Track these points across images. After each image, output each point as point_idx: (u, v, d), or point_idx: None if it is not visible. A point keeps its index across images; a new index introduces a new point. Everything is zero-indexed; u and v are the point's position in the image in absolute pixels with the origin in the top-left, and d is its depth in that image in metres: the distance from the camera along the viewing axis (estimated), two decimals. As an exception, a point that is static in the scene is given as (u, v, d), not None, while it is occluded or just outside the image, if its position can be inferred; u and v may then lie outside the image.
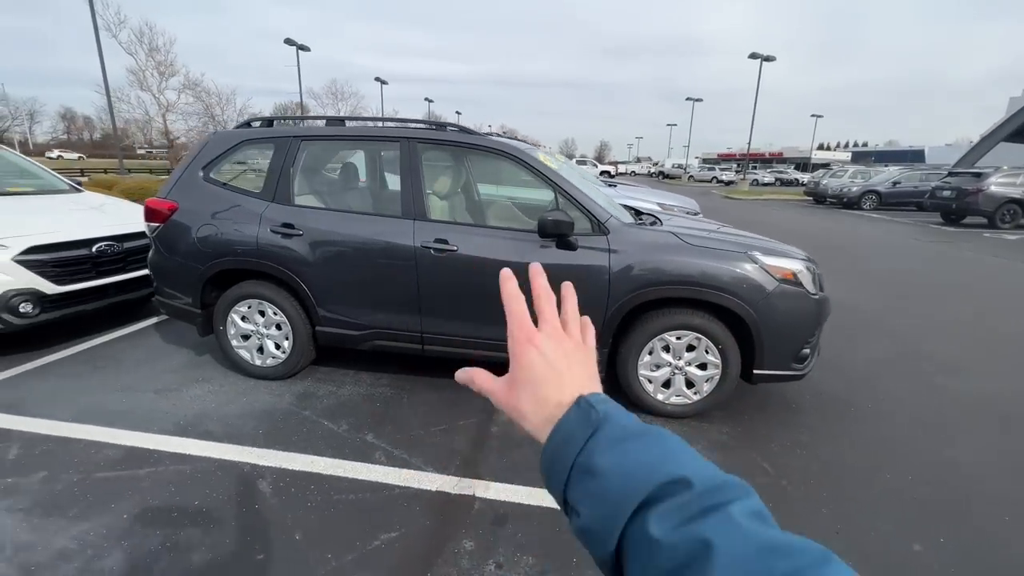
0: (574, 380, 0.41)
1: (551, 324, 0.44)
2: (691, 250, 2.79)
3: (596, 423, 0.36)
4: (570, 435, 0.37)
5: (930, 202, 15.24)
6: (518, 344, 0.42)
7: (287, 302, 3.15)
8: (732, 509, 0.30)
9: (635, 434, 0.36)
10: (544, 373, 0.41)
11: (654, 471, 0.33)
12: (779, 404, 3.23)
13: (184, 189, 3.22)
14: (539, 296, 0.45)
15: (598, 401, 0.38)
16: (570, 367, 0.42)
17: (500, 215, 4.25)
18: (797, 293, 2.76)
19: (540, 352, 0.42)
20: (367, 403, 3.10)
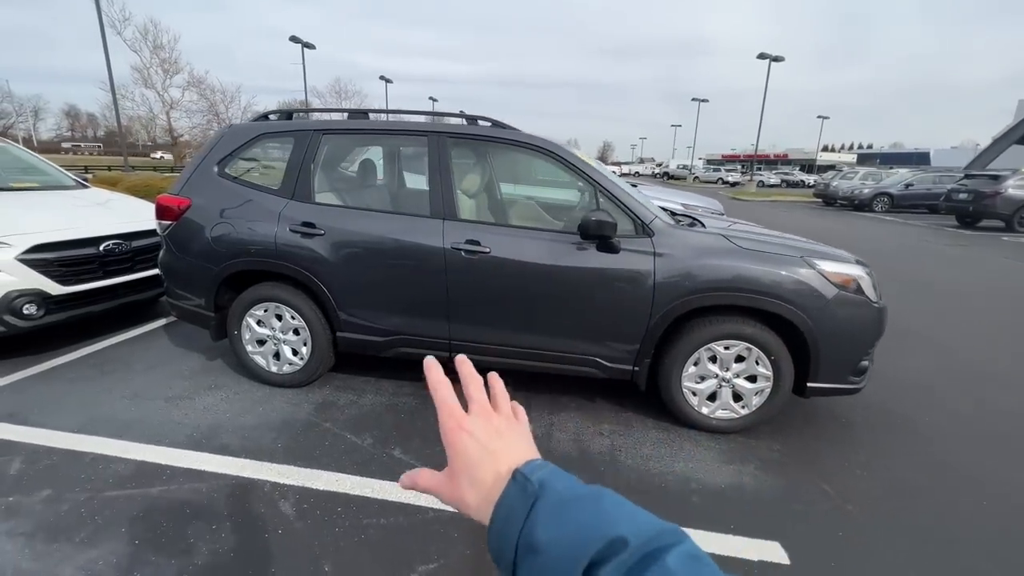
0: (509, 455, 0.40)
1: (480, 404, 0.44)
2: (743, 254, 2.59)
3: (534, 495, 0.36)
4: (510, 512, 0.36)
5: (946, 205, 15.00)
6: (450, 432, 0.42)
7: (306, 306, 2.96)
8: (668, 559, 0.31)
9: (570, 499, 0.35)
10: (478, 455, 0.40)
11: (591, 536, 0.33)
12: (826, 418, 3.04)
13: (198, 185, 3.04)
14: (466, 381, 0.45)
15: (533, 470, 0.38)
16: (504, 443, 0.42)
17: (525, 215, 4.05)
18: (858, 301, 2.56)
19: (471, 435, 0.41)
20: (391, 414, 2.91)
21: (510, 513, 0.36)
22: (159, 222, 3.08)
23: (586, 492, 0.36)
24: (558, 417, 2.93)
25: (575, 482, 0.37)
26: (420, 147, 2.98)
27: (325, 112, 3.27)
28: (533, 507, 0.35)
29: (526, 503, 0.36)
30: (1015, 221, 13.30)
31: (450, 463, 0.42)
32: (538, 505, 0.35)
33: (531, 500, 0.35)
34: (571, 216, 4.08)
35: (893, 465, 2.58)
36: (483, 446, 0.41)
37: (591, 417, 2.95)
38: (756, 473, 2.47)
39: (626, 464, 2.52)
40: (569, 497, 0.35)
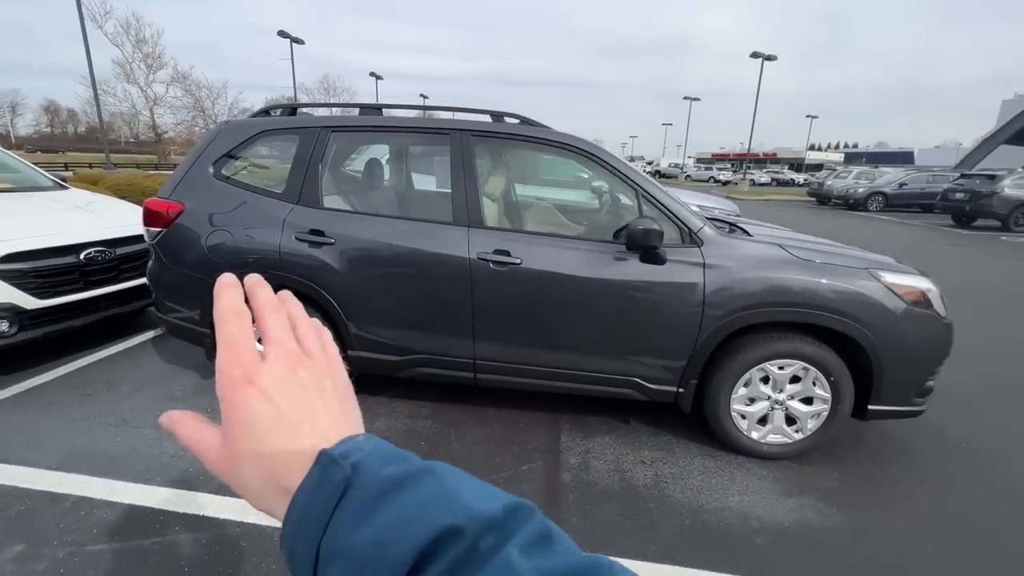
0: (318, 425, 0.29)
1: (280, 344, 0.31)
2: (801, 265, 2.36)
3: (343, 483, 0.25)
4: (309, 507, 0.26)
5: (942, 204, 15.05)
6: (230, 386, 0.29)
7: (314, 322, 2.67)
8: (510, 549, 0.24)
9: (390, 486, 0.25)
10: (269, 422, 0.28)
11: (416, 530, 0.24)
12: (877, 439, 2.82)
13: (191, 188, 2.73)
14: (261, 306, 0.32)
15: (349, 450, 0.27)
16: (311, 407, 0.30)
17: (551, 220, 3.79)
18: (927, 316, 2.35)
19: (263, 393, 0.28)
20: (410, 442, 2.64)
21: (309, 508, 0.26)
22: (147, 229, 2.76)
23: (411, 472, 0.26)
24: (593, 443, 2.68)
25: (405, 461, 0.27)
26: (441, 146, 2.70)
27: (331, 107, 2.97)
28: (340, 503, 0.25)
29: (331, 497, 0.25)
30: (1011, 220, 13.35)
31: (226, 425, 0.29)
32: (346, 502, 0.25)
33: (338, 493, 0.25)
34: (592, 220, 3.85)
35: (962, 494, 2.37)
36: (280, 411, 0.29)
37: (628, 442, 2.70)
38: (819, 507, 2.25)
39: (676, 499, 2.27)
40: (389, 483, 0.25)
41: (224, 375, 0.29)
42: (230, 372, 0.29)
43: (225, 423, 0.30)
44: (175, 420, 0.33)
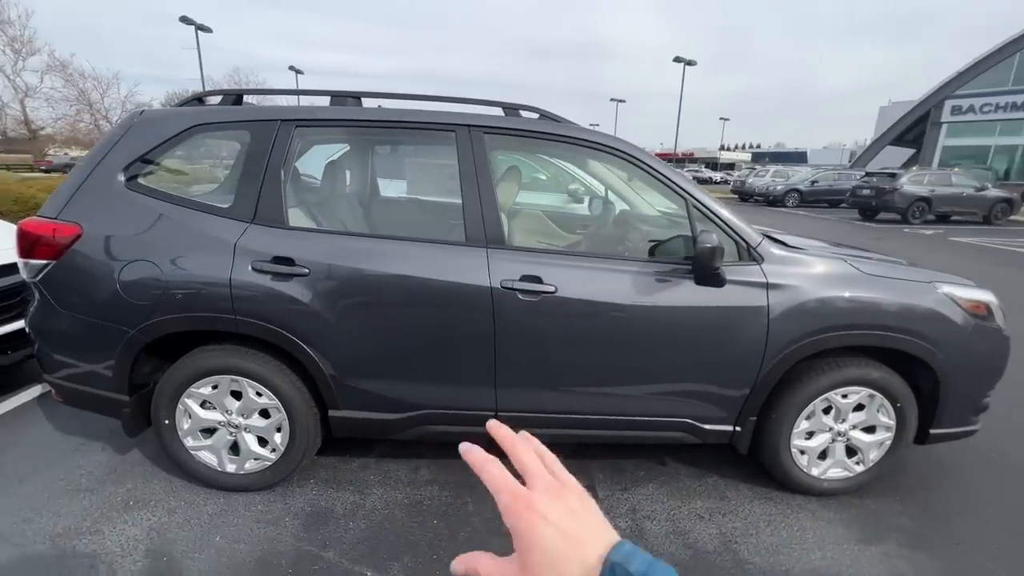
0: (592, 540, 0.34)
1: (540, 477, 0.37)
2: (871, 282, 2.10)
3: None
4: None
5: (851, 200, 16.45)
6: (519, 517, 0.34)
7: (281, 378, 2.03)
8: None
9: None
10: (560, 546, 0.33)
11: None
12: (924, 462, 2.61)
13: (91, 203, 1.96)
14: (512, 447, 0.39)
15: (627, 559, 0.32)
16: (583, 525, 0.35)
17: (532, 229, 3.33)
18: (991, 330, 2.18)
19: (546, 520, 0.34)
20: (418, 520, 2.08)
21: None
22: (25, 261, 1.96)
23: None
24: (636, 496, 2.27)
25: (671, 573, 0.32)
26: (444, 146, 2.15)
27: (290, 96, 2.30)
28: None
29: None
30: (909, 214, 14.83)
31: (521, 555, 0.34)
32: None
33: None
34: (592, 231, 3.45)
35: (1017, 510, 2.24)
36: (563, 533, 0.33)
37: (675, 491, 2.32)
38: (904, 554, 1.99)
39: (756, 564, 1.92)
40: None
41: (510, 511, 0.34)
42: (514, 507, 0.34)
43: (523, 552, 0.34)
44: (470, 560, 0.37)
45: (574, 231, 3.52)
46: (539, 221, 3.51)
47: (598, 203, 3.78)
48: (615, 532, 0.35)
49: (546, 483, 0.36)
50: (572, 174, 4.59)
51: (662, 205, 3.16)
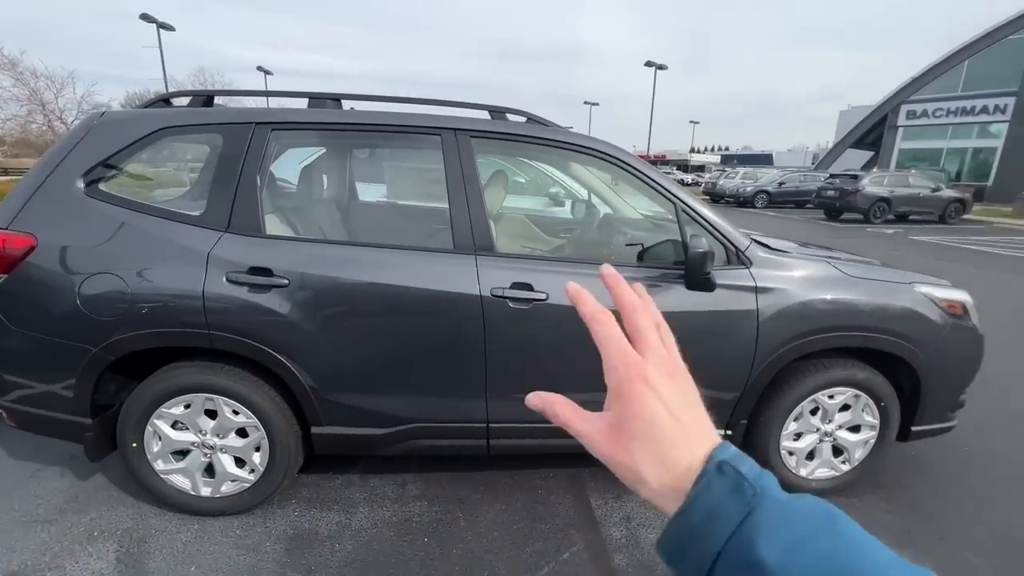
0: (700, 431, 0.32)
1: (656, 350, 0.34)
2: (856, 284, 2.13)
3: (751, 500, 0.28)
4: (715, 513, 0.29)
5: (817, 200, 17.03)
6: (629, 383, 0.32)
7: (260, 394, 1.92)
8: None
9: (797, 516, 0.28)
10: (669, 429, 0.32)
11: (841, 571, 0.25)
12: (905, 460, 2.67)
13: (46, 212, 1.82)
14: (633, 311, 0.35)
15: (739, 461, 0.30)
16: (692, 413, 0.33)
17: (516, 233, 3.28)
18: (967, 329, 2.24)
19: (659, 397, 0.32)
20: (407, 539, 2.00)
21: (715, 513, 0.28)
22: (-29, 276, 1.80)
23: (813, 509, 0.28)
24: (630, 505, 2.24)
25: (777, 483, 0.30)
26: (428, 150, 2.08)
27: (263, 97, 2.19)
28: (750, 516, 0.27)
29: (740, 507, 0.28)
30: (871, 214, 15.45)
31: (622, 420, 0.33)
32: (757, 517, 0.27)
33: (748, 506, 0.28)
34: (575, 235, 3.43)
35: (989, 505, 2.31)
36: (674, 415, 0.32)
37: (667, 496, 2.31)
38: (896, 551, 2.02)
39: None
40: (797, 512, 0.28)
41: (619, 372, 0.33)
42: (625, 371, 0.33)
43: (621, 414, 0.33)
44: (547, 400, 0.36)
45: (557, 235, 3.49)
46: (523, 225, 3.46)
47: (581, 207, 3.77)
48: (716, 431, 0.33)
49: (662, 357, 0.34)
50: (552, 177, 4.58)
51: (645, 208, 3.16)
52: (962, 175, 23.03)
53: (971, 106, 22.56)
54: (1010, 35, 21.23)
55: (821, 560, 0.26)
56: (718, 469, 0.30)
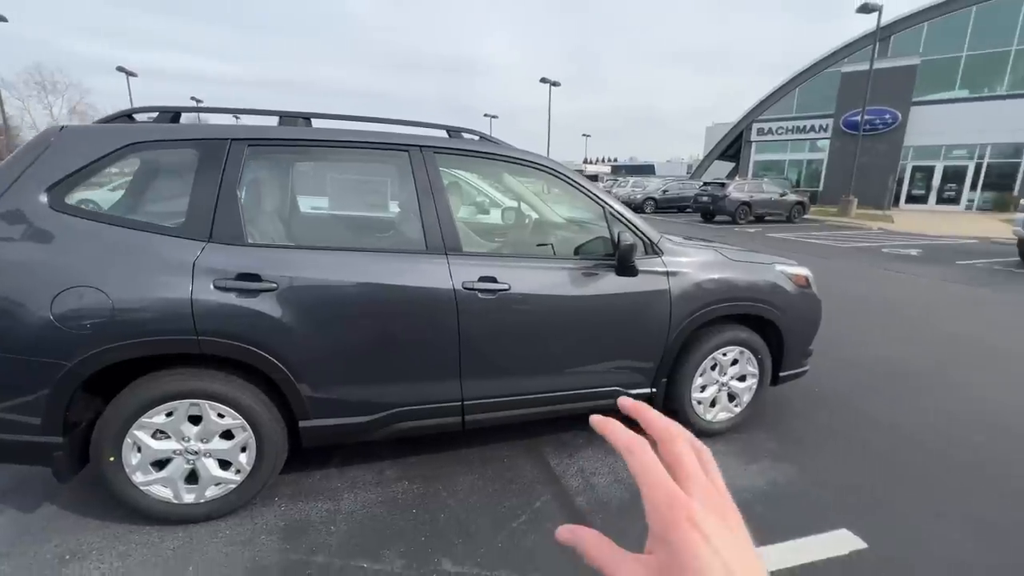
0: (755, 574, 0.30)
1: (703, 486, 0.32)
2: (736, 265, 2.78)
3: None
4: None
5: (694, 205, 19.43)
6: (676, 529, 0.29)
7: (247, 395, 2.03)
8: None
9: None
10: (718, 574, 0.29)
11: None
12: (777, 402, 3.45)
13: (8, 226, 1.77)
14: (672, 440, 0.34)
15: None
16: (745, 560, 0.29)
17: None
18: (810, 296, 3.02)
19: (710, 544, 0.29)
20: (397, 514, 2.22)
21: None
22: (-83, 297, 1.69)
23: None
24: (582, 460, 2.67)
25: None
26: (396, 164, 2.33)
27: (229, 114, 2.27)
28: None
29: None
30: (737, 216, 18.01)
31: (663, 566, 0.29)
32: None
33: None
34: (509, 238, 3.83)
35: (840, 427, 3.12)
36: (728, 567, 0.28)
37: (610, 452, 2.70)
38: (775, 466, 2.67)
39: (679, 492, 2.43)
40: None
41: (662, 514, 0.29)
42: (670, 513, 0.29)
43: (666, 565, 0.29)
44: (577, 535, 0.33)
45: (493, 239, 3.86)
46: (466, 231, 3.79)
47: (510, 213, 4.18)
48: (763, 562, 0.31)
49: (706, 491, 0.31)
50: (476, 188, 4.97)
51: (567, 213, 3.66)
52: (801, 182, 27.61)
53: (803, 125, 27.22)
54: (826, 69, 26.07)
55: None
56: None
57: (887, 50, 23.50)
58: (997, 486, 2.51)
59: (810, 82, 27.02)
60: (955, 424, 3.13)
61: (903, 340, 4.80)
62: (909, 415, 3.25)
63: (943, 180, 23.58)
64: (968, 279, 7.85)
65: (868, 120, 21.89)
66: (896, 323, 5.43)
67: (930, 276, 8.06)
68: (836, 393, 3.59)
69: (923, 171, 23.95)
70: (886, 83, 21.87)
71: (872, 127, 22.90)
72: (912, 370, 4.02)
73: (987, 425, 3.11)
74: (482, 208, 5.19)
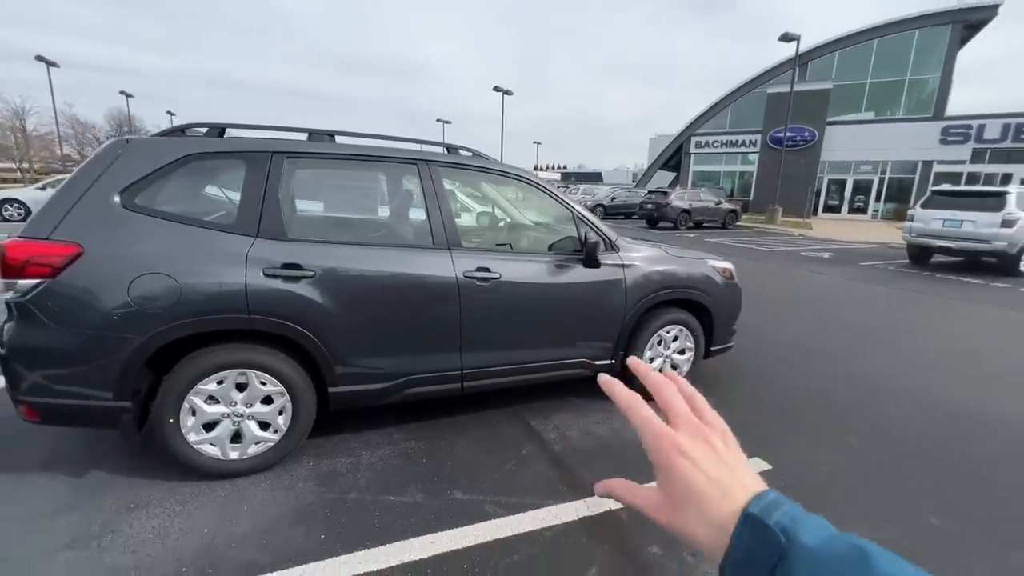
0: (738, 487, 0.36)
1: (686, 418, 0.40)
2: (676, 260, 3.46)
3: (777, 546, 0.31)
4: (748, 563, 0.33)
5: (640, 212, 20.76)
6: (665, 456, 0.38)
7: (286, 365, 2.43)
8: None
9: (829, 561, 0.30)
10: (708, 491, 0.36)
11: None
12: (708, 375, 4.20)
13: (87, 224, 2.10)
14: (658, 387, 0.42)
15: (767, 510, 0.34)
16: (729, 472, 0.37)
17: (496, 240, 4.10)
18: (733, 285, 3.76)
19: (692, 462, 0.37)
20: (410, 464, 2.68)
21: (749, 563, 0.32)
22: (11, 282, 1.99)
23: (845, 548, 0.30)
24: (556, 421, 3.23)
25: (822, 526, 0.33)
26: (407, 176, 2.81)
27: (268, 131, 2.64)
28: (780, 561, 0.31)
29: (769, 554, 0.31)
30: (678, 222, 19.46)
31: (665, 489, 0.38)
32: (787, 561, 0.31)
33: (775, 552, 0.31)
34: (486, 237, 4.36)
35: (769, 391, 3.88)
36: (711, 478, 0.36)
37: (578, 414, 3.35)
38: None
39: (633, 440, 3.00)
40: (825, 553, 0.30)
41: (656, 449, 0.38)
42: (658, 445, 0.38)
43: (664, 485, 0.38)
44: (608, 485, 0.42)
45: (471, 239, 4.38)
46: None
47: (485, 217, 4.72)
48: (759, 480, 0.36)
49: (691, 424, 0.38)
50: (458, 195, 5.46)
51: (535, 216, 4.25)
52: (734, 192, 29.98)
53: (735, 139, 29.62)
54: (755, 88, 28.56)
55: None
56: (745, 522, 0.33)
57: (805, 74, 26.13)
58: (861, 426, 3.32)
59: (741, 100, 29.47)
60: (842, 385, 3.98)
61: (814, 327, 5.76)
62: (813, 380, 4.08)
63: (853, 192, 26.50)
64: (867, 278, 9.20)
65: (790, 137, 24.35)
66: (808, 314, 6.44)
67: (838, 275, 9.37)
68: (758, 368, 4.38)
69: (837, 184, 26.79)
70: (805, 104, 24.36)
71: (794, 143, 25.40)
72: (818, 349, 4.92)
73: (868, 387, 3.97)
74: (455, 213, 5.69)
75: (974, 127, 22.70)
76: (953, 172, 23.04)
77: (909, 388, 3.94)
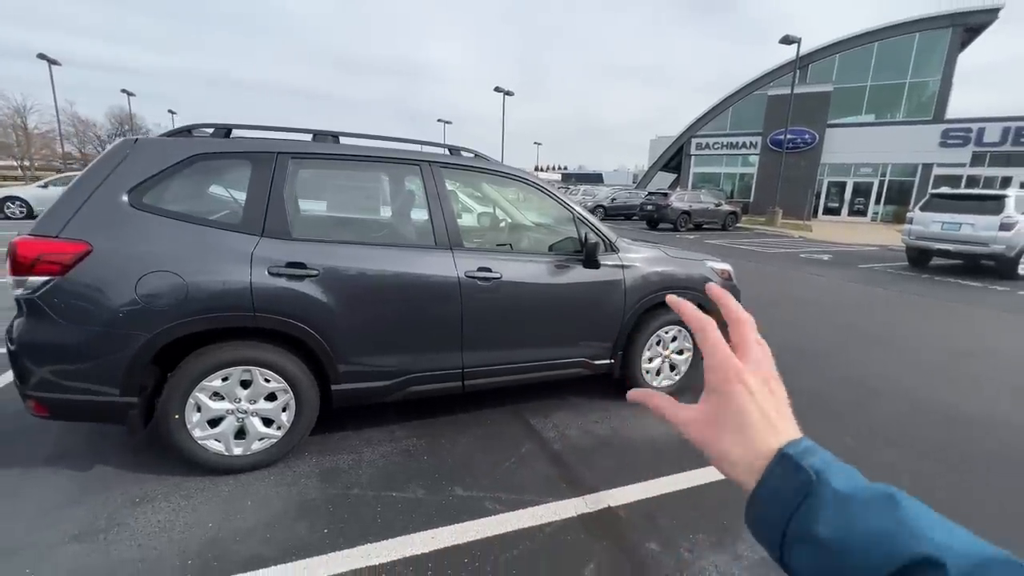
0: (782, 428, 0.39)
1: (755, 359, 0.42)
2: (674, 261, 3.50)
3: (807, 483, 0.34)
4: (776, 495, 0.35)
5: (640, 213, 20.79)
6: (727, 382, 0.40)
7: (290, 362, 2.47)
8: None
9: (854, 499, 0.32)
10: (757, 421, 0.38)
11: (890, 548, 0.30)
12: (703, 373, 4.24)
13: (95, 222, 2.14)
14: (739, 324, 0.44)
15: (803, 454, 0.36)
16: (778, 413, 0.40)
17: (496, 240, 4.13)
18: (732, 285, 3.80)
19: (752, 395, 0.39)
20: (412, 461, 2.71)
21: (776, 496, 0.35)
22: (22, 279, 2.03)
23: (874, 493, 0.33)
24: (556, 419, 3.27)
25: (853, 474, 0.35)
26: (410, 176, 2.84)
27: (273, 131, 2.67)
28: (807, 498, 0.33)
29: (797, 491, 0.34)
30: (678, 224, 19.50)
31: (714, 410, 0.40)
32: (813, 500, 0.33)
33: (804, 489, 0.34)
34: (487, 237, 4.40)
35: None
36: (763, 412, 0.39)
37: (577, 412, 3.39)
38: (705, 419, 3.39)
39: (632, 438, 3.08)
40: (852, 495, 0.32)
41: (719, 372, 0.40)
42: (723, 370, 0.40)
43: (716, 406, 0.40)
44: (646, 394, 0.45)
45: (472, 240, 4.42)
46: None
47: (486, 217, 4.76)
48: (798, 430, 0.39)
49: (755, 363, 0.40)
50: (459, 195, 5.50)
51: (535, 217, 4.29)
52: (734, 193, 30.02)
53: (736, 141, 29.66)
54: (755, 91, 28.61)
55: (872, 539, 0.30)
56: (782, 458, 0.36)
57: (806, 77, 26.18)
58: (859, 428, 3.35)
59: (742, 102, 29.52)
60: (839, 387, 4.01)
61: (812, 328, 5.80)
62: (811, 381, 4.11)
63: (853, 194, 26.53)
64: (866, 280, 9.24)
65: (791, 139, 24.39)
66: (807, 315, 6.47)
67: (837, 277, 9.41)
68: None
69: (837, 186, 26.83)
70: (805, 106, 24.40)
71: (794, 145, 25.43)
72: (817, 351, 4.95)
73: (866, 389, 4.01)
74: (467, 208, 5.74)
75: (974, 130, 22.74)
76: (953, 175, 23.08)
77: (907, 390, 3.97)
